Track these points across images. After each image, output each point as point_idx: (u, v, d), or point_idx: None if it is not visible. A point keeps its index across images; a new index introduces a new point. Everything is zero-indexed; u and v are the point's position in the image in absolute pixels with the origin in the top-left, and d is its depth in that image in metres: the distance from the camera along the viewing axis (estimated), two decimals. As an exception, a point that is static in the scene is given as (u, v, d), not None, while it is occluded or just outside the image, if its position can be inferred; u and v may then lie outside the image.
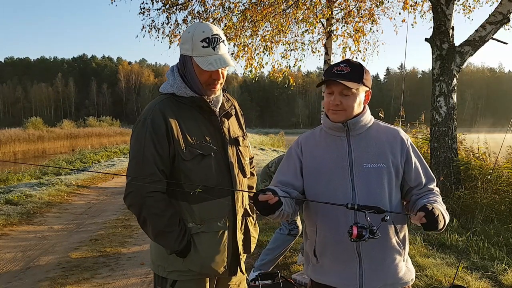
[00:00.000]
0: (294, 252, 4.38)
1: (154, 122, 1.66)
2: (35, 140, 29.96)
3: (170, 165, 1.68)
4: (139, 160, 1.65)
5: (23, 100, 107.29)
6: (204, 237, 1.72)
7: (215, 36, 1.68)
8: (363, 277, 1.59)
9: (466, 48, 5.90)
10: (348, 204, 1.44)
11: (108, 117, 55.04)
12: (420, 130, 8.20)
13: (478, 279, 3.56)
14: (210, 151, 1.72)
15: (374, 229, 1.40)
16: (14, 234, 5.61)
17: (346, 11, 9.13)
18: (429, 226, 1.44)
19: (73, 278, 3.91)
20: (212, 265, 1.73)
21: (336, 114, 1.63)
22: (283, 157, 3.79)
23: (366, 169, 1.61)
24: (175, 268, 1.73)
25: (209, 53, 1.67)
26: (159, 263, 1.77)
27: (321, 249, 1.65)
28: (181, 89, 1.73)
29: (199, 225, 1.71)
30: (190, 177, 1.69)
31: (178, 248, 1.67)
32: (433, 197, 1.63)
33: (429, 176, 1.71)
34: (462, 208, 5.34)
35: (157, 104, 1.71)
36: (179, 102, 1.73)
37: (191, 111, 1.74)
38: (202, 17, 8.69)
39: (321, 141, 1.71)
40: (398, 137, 1.68)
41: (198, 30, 1.68)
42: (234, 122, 1.91)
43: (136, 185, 1.64)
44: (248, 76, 9.89)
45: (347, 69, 1.59)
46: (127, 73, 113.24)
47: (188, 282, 1.74)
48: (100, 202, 8.07)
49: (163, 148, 1.65)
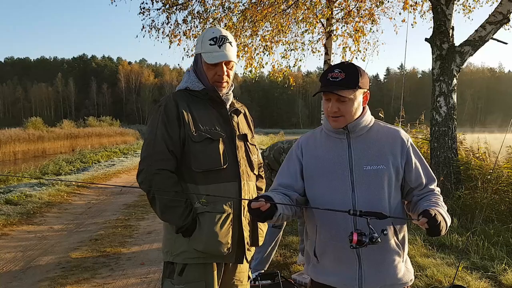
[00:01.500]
0: (294, 252, 4.38)
1: (167, 107, 1.83)
2: (35, 140, 29.92)
3: (181, 148, 1.82)
4: (151, 140, 1.81)
5: (23, 100, 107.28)
6: (208, 217, 1.80)
7: (223, 36, 1.88)
8: (363, 278, 1.59)
9: (466, 48, 5.90)
10: (350, 211, 1.44)
11: (108, 117, 54.98)
12: (420, 130, 8.20)
13: (478, 279, 3.56)
14: (218, 136, 1.85)
15: (375, 236, 1.41)
16: (14, 234, 5.61)
17: (346, 11, 9.13)
18: (432, 232, 1.44)
19: (73, 278, 3.91)
20: (216, 245, 1.79)
21: (336, 121, 1.63)
22: (277, 144, 3.79)
23: (366, 171, 1.60)
24: (181, 249, 1.81)
25: (214, 50, 1.86)
26: (167, 249, 1.87)
27: (321, 250, 1.66)
28: (194, 83, 1.91)
29: (205, 205, 1.80)
30: (198, 158, 1.81)
31: (183, 224, 1.77)
32: (434, 199, 1.63)
33: (430, 176, 1.71)
34: (462, 208, 5.35)
35: (172, 94, 1.90)
36: (192, 95, 1.90)
37: (203, 103, 1.90)
38: (202, 17, 8.69)
39: (322, 143, 1.71)
40: (398, 138, 1.67)
41: (209, 31, 1.90)
42: (243, 122, 2.05)
43: (147, 163, 1.79)
44: (248, 76, 9.89)
45: (342, 76, 1.57)
46: (127, 73, 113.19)
47: (195, 267, 1.81)
48: (100, 202, 8.07)
49: (174, 130, 1.80)
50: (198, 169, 1.80)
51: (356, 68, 1.62)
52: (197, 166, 1.81)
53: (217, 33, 1.88)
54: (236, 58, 1.95)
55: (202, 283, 1.81)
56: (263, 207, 1.45)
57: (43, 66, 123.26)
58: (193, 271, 1.81)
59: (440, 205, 1.58)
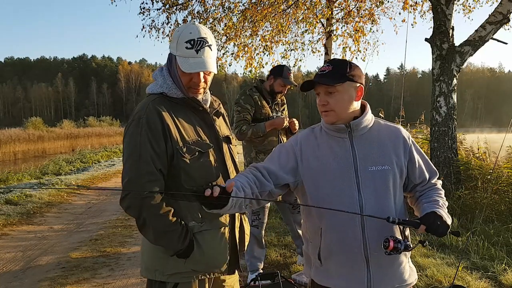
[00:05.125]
0: (294, 252, 4.38)
1: (149, 120, 1.60)
2: (35, 140, 29.94)
3: (168, 164, 1.64)
4: (135, 160, 1.59)
5: (23, 100, 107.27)
6: (207, 235, 1.69)
7: (201, 39, 1.64)
8: (371, 282, 1.57)
9: (466, 48, 5.89)
10: (389, 218, 1.46)
11: (108, 117, 55.04)
12: (420, 130, 8.20)
13: (478, 279, 3.56)
14: (207, 147, 1.71)
15: (409, 245, 1.46)
16: (14, 234, 5.61)
17: (346, 11, 9.13)
18: (433, 233, 1.50)
19: (73, 278, 3.91)
20: (217, 262, 1.71)
21: (327, 116, 1.62)
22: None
23: (371, 172, 1.58)
24: (177, 270, 1.67)
25: (191, 55, 1.63)
26: (156, 267, 1.69)
27: (327, 254, 1.61)
28: (171, 89, 1.70)
29: (200, 223, 1.68)
30: (190, 174, 1.66)
31: (182, 247, 1.62)
32: (435, 197, 1.64)
33: (432, 170, 1.72)
34: (462, 208, 5.34)
35: (150, 103, 1.66)
36: (171, 102, 1.70)
37: (184, 110, 1.72)
38: (202, 17, 8.69)
39: (323, 142, 1.66)
40: (400, 137, 1.66)
41: (186, 31, 1.65)
42: (222, 122, 1.90)
43: (133, 187, 1.58)
44: (248, 76, 9.89)
45: (329, 68, 1.58)
46: (127, 73, 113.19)
47: (188, 284, 1.69)
48: (100, 202, 8.07)
49: (160, 146, 1.60)
50: (191, 187, 1.63)
51: (346, 61, 1.62)
52: (190, 184, 1.64)
53: (194, 35, 1.63)
54: (215, 65, 1.72)
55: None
56: (211, 197, 1.38)
57: (43, 66, 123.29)
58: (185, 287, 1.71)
59: (441, 206, 1.59)
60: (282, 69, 3.60)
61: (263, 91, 3.64)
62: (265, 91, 3.64)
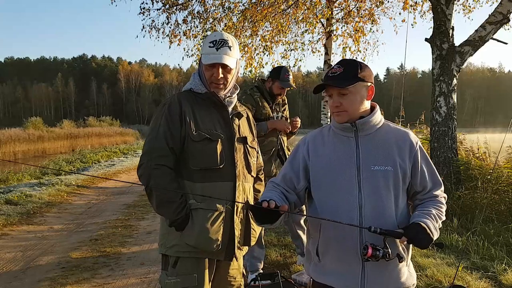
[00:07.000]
0: (294, 252, 4.38)
1: (171, 106, 1.91)
2: (35, 140, 29.95)
3: (181, 146, 1.89)
4: (153, 136, 1.88)
5: (23, 100, 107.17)
6: (201, 213, 1.86)
7: (223, 40, 1.93)
8: (365, 280, 1.58)
9: (466, 48, 5.90)
10: (371, 228, 1.48)
11: (108, 117, 54.94)
12: (420, 130, 8.20)
13: (478, 279, 3.56)
14: (217, 137, 1.91)
15: (389, 253, 1.47)
16: (14, 234, 5.61)
17: (346, 11, 9.12)
18: (414, 245, 1.56)
19: (73, 278, 3.91)
20: (206, 241, 1.86)
21: (339, 116, 1.64)
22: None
23: (374, 171, 1.59)
24: (174, 243, 1.89)
25: (211, 52, 1.91)
26: (161, 241, 1.97)
27: (324, 249, 1.64)
28: (197, 86, 1.98)
29: (199, 202, 1.86)
30: (196, 157, 1.88)
31: (176, 218, 1.83)
32: (432, 207, 1.62)
33: (436, 181, 1.69)
34: (462, 208, 5.34)
35: (176, 95, 1.98)
36: (196, 96, 1.97)
37: (206, 105, 1.96)
38: (202, 17, 8.69)
39: (329, 141, 1.70)
40: (407, 141, 1.66)
41: (212, 35, 1.97)
42: (245, 125, 2.10)
43: (147, 158, 1.86)
44: (248, 76, 9.89)
45: (340, 70, 1.60)
46: (127, 73, 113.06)
47: (188, 260, 1.89)
48: (100, 202, 8.07)
49: (175, 128, 1.87)
50: (195, 167, 1.88)
51: (356, 62, 1.63)
52: (195, 164, 1.88)
53: (218, 37, 1.94)
54: (234, 63, 1.96)
55: (194, 276, 1.89)
56: (264, 209, 1.47)
57: (43, 66, 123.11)
58: (186, 264, 1.89)
59: (432, 217, 1.57)
60: (280, 71, 3.57)
61: (264, 91, 3.63)
62: (265, 91, 3.64)
